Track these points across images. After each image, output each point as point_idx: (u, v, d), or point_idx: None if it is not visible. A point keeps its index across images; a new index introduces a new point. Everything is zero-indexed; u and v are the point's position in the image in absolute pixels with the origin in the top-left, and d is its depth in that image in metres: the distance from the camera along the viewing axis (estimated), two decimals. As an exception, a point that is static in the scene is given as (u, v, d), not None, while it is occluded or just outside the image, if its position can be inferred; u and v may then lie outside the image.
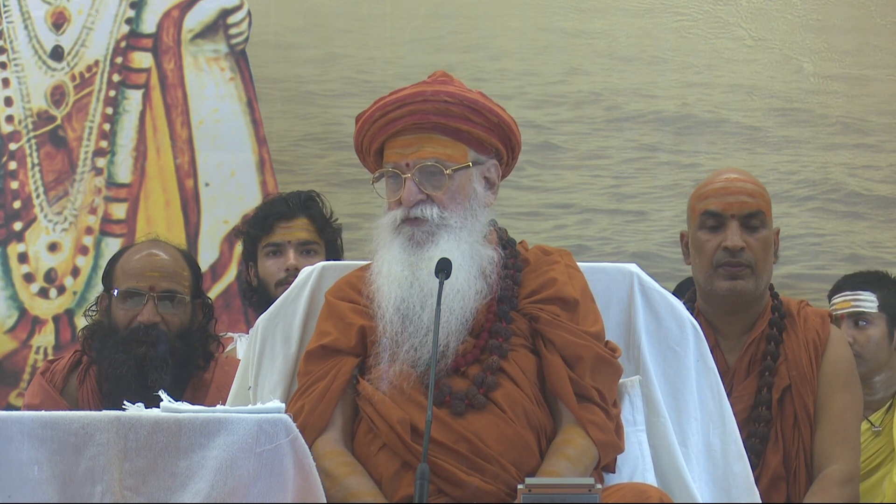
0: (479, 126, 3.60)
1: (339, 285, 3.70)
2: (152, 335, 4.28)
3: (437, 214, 3.55)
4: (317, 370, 3.55)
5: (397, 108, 3.58)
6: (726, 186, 4.28)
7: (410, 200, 3.55)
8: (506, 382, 3.48)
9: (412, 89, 3.60)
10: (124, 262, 4.39)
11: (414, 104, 3.57)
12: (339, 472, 3.40)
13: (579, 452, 3.41)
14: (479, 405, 3.44)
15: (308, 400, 3.50)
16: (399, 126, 3.58)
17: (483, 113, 3.60)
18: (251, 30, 6.01)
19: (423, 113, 3.57)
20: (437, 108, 3.57)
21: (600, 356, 3.52)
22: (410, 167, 3.56)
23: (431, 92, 3.58)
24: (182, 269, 4.39)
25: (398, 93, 3.61)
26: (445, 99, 3.58)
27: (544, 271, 3.63)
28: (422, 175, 3.56)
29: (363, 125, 3.64)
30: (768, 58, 6.07)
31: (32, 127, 5.93)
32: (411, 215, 3.55)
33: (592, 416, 3.46)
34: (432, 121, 3.57)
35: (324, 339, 3.58)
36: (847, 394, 4.22)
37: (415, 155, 3.56)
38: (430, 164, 3.56)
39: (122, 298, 4.34)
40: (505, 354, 3.51)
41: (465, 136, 3.59)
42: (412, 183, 3.55)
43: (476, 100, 3.60)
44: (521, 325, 3.56)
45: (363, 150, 3.69)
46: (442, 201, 3.56)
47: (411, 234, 3.55)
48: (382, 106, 3.60)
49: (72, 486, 3.08)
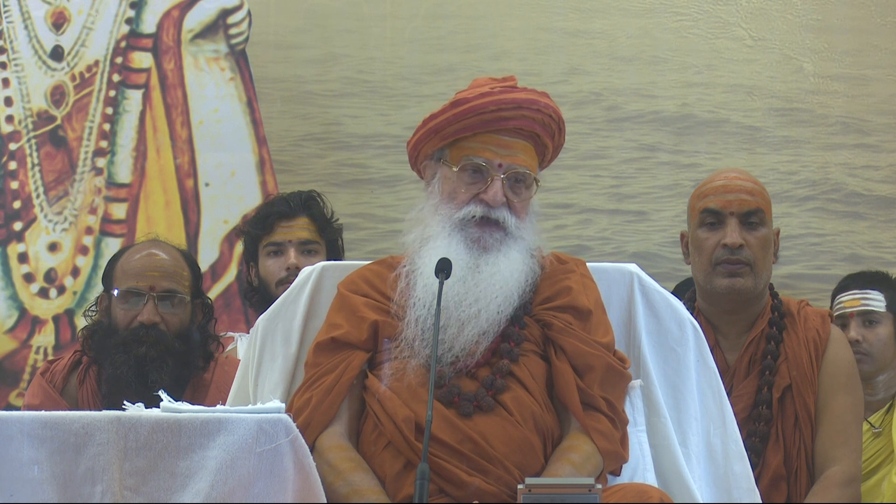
0: (555, 144, 3.66)
1: (352, 278, 3.68)
2: (152, 335, 4.28)
3: (514, 223, 3.57)
4: (326, 363, 3.54)
5: (513, 109, 3.57)
6: (726, 185, 4.28)
7: (497, 200, 3.54)
8: (515, 386, 3.48)
9: (525, 94, 3.60)
10: (124, 262, 4.39)
11: (529, 110, 3.58)
12: (344, 467, 3.40)
13: (583, 458, 3.41)
14: (486, 407, 3.44)
15: (316, 392, 3.50)
16: (506, 125, 3.57)
17: (562, 133, 3.66)
18: (251, 30, 6.01)
19: (531, 121, 3.59)
20: (542, 121, 3.60)
21: (610, 366, 3.53)
22: (503, 168, 3.56)
23: (544, 104, 3.60)
24: (182, 269, 4.39)
25: (510, 93, 3.59)
26: (550, 114, 3.62)
27: (559, 279, 3.63)
28: (510, 180, 3.57)
29: (466, 112, 3.58)
30: (768, 58, 6.07)
31: (32, 127, 5.93)
32: (492, 216, 3.55)
33: (598, 424, 3.47)
34: (534, 130, 3.60)
35: (334, 331, 3.57)
36: (848, 394, 4.22)
37: (510, 158, 3.56)
38: (521, 171, 3.57)
39: (122, 298, 4.33)
40: (516, 359, 3.51)
41: (542, 150, 3.65)
42: (501, 183, 3.55)
43: (562, 118, 3.66)
44: (533, 331, 3.57)
45: (443, 133, 3.61)
46: (518, 210, 3.58)
47: (479, 236, 3.55)
48: (498, 102, 3.57)
49: (72, 486, 3.08)
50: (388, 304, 3.58)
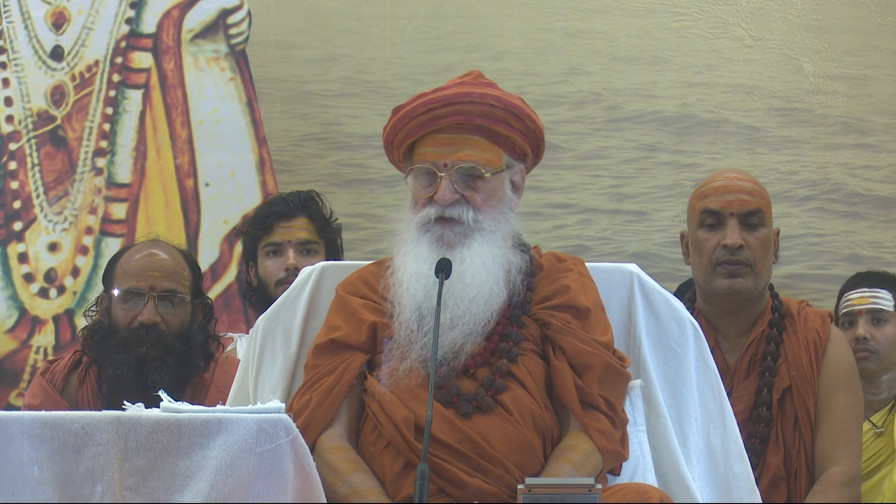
0: (517, 132, 3.61)
1: (351, 280, 3.69)
2: (152, 335, 4.28)
3: (472, 217, 3.55)
4: (325, 364, 3.54)
5: (443, 107, 3.56)
6: (725, 185, 4.28)
7: (446, 200, 3.53)
8: (514, 386, 3.48)
9: (458, 89, 3.59)
10: (124, 262, 4.38)
11: (461, 104, 3.56)
12: (344, 468, 3.40)
13: (583, 458, 3.41)
14: (486, 407, 3.44)
15: (315, 394, 3.50)
16: (442, 124, 3.56)
17: (523, 119, 3.62)
18: (251, 30, 6.01)
19: (468, 114, 3.57)
20: (482, 111, 3.57)
21: (609, 365, 3.53)
22: (448, 167, 3.55)
23: (479, 94, 3.58)
24: (182, 269, 4.39)
25: (442, 90, 3.60)
26: (491, 102, 3.58)
27: (557, 278, 3.63)
28: (458, 176, 3.55)
29: (402, 118, 3.61)
30: (768, 58, 6.07)
31: (32, 127, 5.93)
32: (446, 215, 3.54)
33: (597, 423, 3.47)
34: (475, 122, 3.57)
35: (334, 333, 3.58)
36: (848, 395, 4.22)
37: (454, 155, 3.55)
38: (468, 165, 3.55)
39: (122, 298, 4.33)
40: (515, 358, 3.51)
41: (503, 140, 3.60)
42: (448, 182, 3.54)
43: (518, 105, 3.61)
44: (532, 330, 3.56)
45: (395, 143, 3.65)
46: (477, 203, 3.56)
47: (441, 234, 3.54)
48: (427, 102, 3.58)
49: (72, 486, 3.08)
50: (385, 306, 3.58)
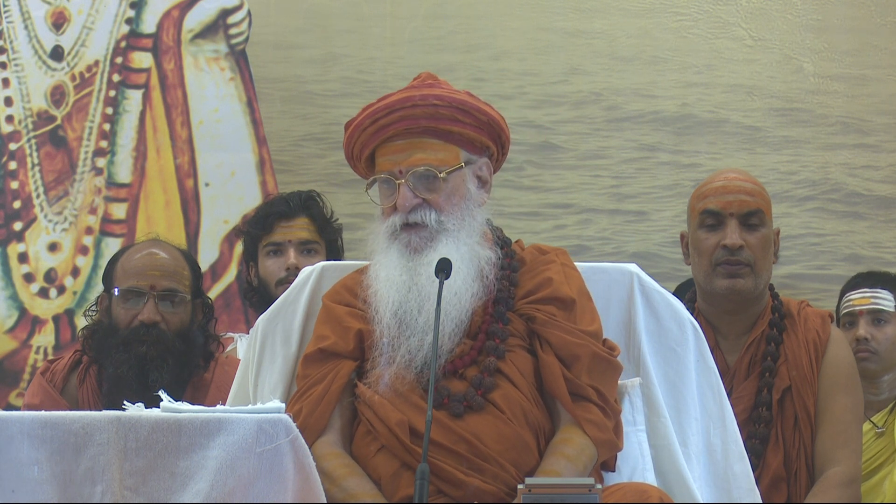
0: (469, 126, 3.59)
1: (335, 289, 3.70)
2: (153, 334, 4.28)
3: (435, 218, 3.55)
4: (315, 373, 3.55)
5: (387, 115, 3.56)
6: (725, 185, 4.28)
7: (406, 206, 3.54)
8: (503, 383, 3.47)
9: (400, 94, 3.59)
10: (125, 262, 4.38)
11: (404, 109, 3.56)
12: (339, 474, 3.40)
13: (577, 451, 3.41)
14: (477, 406, 3.44)
15: (306, 403, 3.50)
16: (389, 132, 3.56)
17: (472, 113, 3.59)
18: (251, 30, 6.01)
19: (413, 118, 3.56)
20: (426, 112, 3.56)
21: (597, 355, 3.52)
22: (404, 173, 3.54)
23: (420, 96, 3.57)
24: (182, 269, 4.38)
25: (386, 99, 3.59)
26: (434, 102, 3.57)
27: (540, 271, 3.62)
28: (416, 180, 3.55)
29: (353, 132, 3.62)
30: (768, 58, 6.07)
31: (32, 127, 5.93)
32: (409, 220, 3.54)
33: (589, 414, 3.46)
34: (423, 125, 3.56)
35: (322, 342, 3.58)
36: (848, 395, 4.22)
37: (407, 161, 3.55)
38: (422, 169, 3.55)
39: (122, 297, 4.33)
40: (502, 355, 3.51)
41: (456, 137, 3.59)
42: (406, 188, 3.54)
43: (464, 100, 3.59)
44: (517, 325, 3.56)
45: (354, 157, 3.66)
46: (438, 204, 3.55)
47: (408, 240, 3.54)
48: (372, 113, 3.58)
49: (72, 486, 3.08)
50: (369, 312, 3.58)
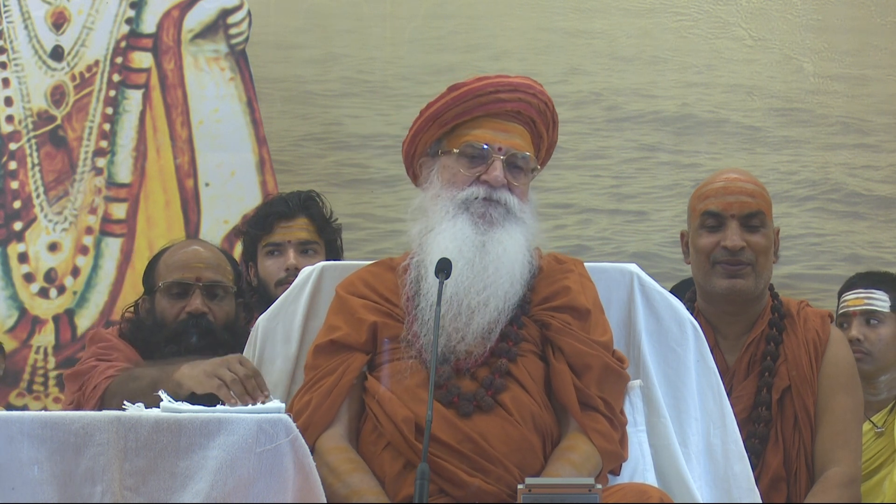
0: (548, 138, 3.66)
1: (350, 280, 3.68)
2: (202, 325, 4.23)
3: (517, 204, 3.56)
4: (325, 365, 3.54)
5: (509, 92, 3.58)
6: (726, 186, 4.28)
7: (500, 180, 3.53)
8: (513, 386, 3.48)
9: (522, 79, 3.61)
10: (167, 258, 4.35)
11: (525, 93, 3.59)
12: (343, 469, 3.40)
13: (583, 458, 3.42)
14: (486, 407, 3.44)
15: (316, 395, 3.50)
16: (503, 108, 3.57)
17: (556, 129, 3.67)
18: (251, 30, 6.01)
19: (528, 105, 3.59)
20: (539, 107, 3.61)
21: (608, 366, 3.53)
22: (503, 150, 3.55)
23: (539, 90, 3.61)
24: (224, 263, 4.37)
25: (505, 78, 3.60)
26: (546, 102, 3.63)
27: (558, 279, 3.63)
28: (511, 162, 3.56)
29: (463, 95, 3.59)
30: (768, 58, 6.07)
31: (32, 127, 5.93)
32: (494, 196, 3.54)
33: (596, 424, 3.47)
34: (531, 116, 3.60)
35: (333, 333, 3.57)
36: (848, 395, 4.22)
37: (509, 142, 3.56)
38: (520, 155, 3.57)
39: (167, 291, 4.28)
40: (514, 359, 3.51)
41: (538, 142, 3.64)
42: (501, 165, 3.54)
43: (557, 113, 3.65)
44: (531, 331, 3.57)
45: (441, 120, 3.62)
46: (519, 193, 3.58)
47: (484, 212, 3.53)
48: (494, 84, 3.58)
49: (72, 486, 3.08)
50: (387, 306, 3.58)
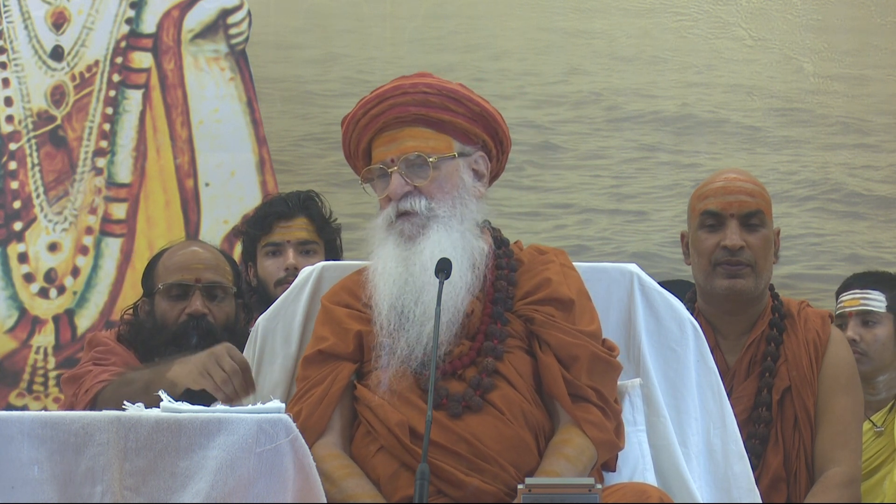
0: (461, 116, 3.60)
1: (334, 290, 3.70)
2: (202, 326, 4.24)
3: (426, 205, 3.55)
4: (314, 375, 3.55)
5: (378, 104, 3.59)
6: (726, 186, 4.28)
7: (398, 193, 3.55)
8: (502, 384, 3.47)
9: (391, 84, 3.62)
10: (166, 260, 4.36)
11: (394, 97, 3.58)
12: (338, 475, 3.40)
13: (577, 452, 3.41)
14: (475, 407, 3.44)
15: (306, 405, 3.50)
16: (381, 122, 3.58)
17: (464, 102, 3.61)
18: (251, 30, 6.01)
19: (403, 105, 3.58)
20: (416, 100, 3.58)
21: (596, 355, 3.52)
22: (395, 161, 3.56)
23: (410, 84, 3.59)
24: (224, 264, 4.38)
25: (378, 90, 3.62)
26: (424, 90, 3.59)
27: (539, 271, 3.62)
28: (407, 167, 3.56)
29: (348, 126, 3.65)
30: (768, 58, 6.07)
31: (32, 127, 5.93)
32: (401, 209, 3.56)
33: (589, 415, 3.46)
34: (413, 112, 3.58)
35: (321, 344, 3.58)
36: (848, 395, 4.22)
37: (398, 149, 3.57)
38: (413, 156, 3.56)
39: (167, 293, 4.29)
40: (500, 356, 3.50)
41: (447, 126, 3.60)
42: (398, 176, 3.55)
43: (455, 89, 3.61)
44: (516, 326, 3.56)
45: (352, 154, 3.69)
46: (429, 191, 3.56)
47: (401, 229, 3.55)
48: (364, 104, 3.62)
49: (72, 486, 3.08)
50: (370, 313, 3.58)
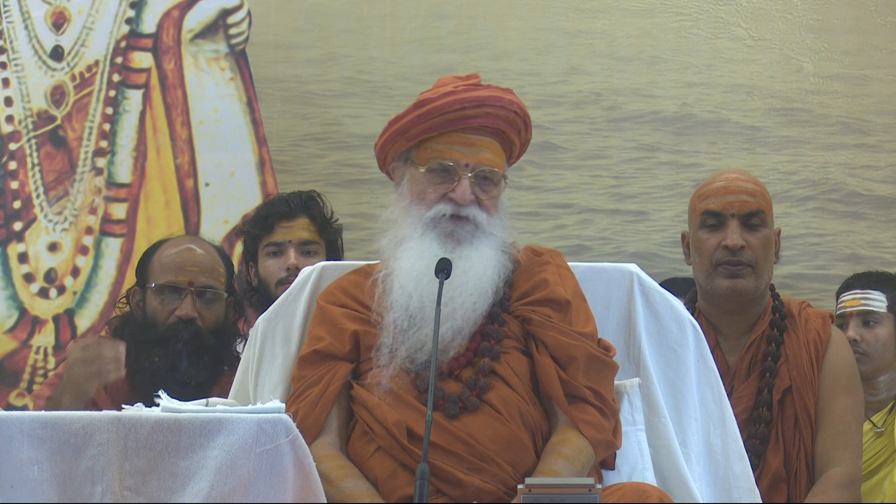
0: (522, 141, 3.65)
1: (330, 290, 3.69)
2: (190, 330, 4.26)
3: (485, 220, 3.56)
4: (311, 375, 3.55)
5: (476, 107, 3.56)
6: (727, 186, 4.28)
7: (467, 199, 3.54)
8: (498, 384, 3.47)
9: (488, 92, 3.60)
10: (161, 256, 4.36)
11: (493, 107, 3.57)
12: (336, 476, 3.39)
13: (575, 451, 3.41)
14: (472, 407, 3.44)
15: (302, 405, 3.50)
16: (470, 124, 3.56)
17: (530, 130, 3.66)
18: (251, 30, 6.01)
19: (496, 118, 3.58)
20: (507, 117, 3.60)
21: (593, 355, 3.52)
22: (470, 167, 3.55)
23: (507, 101, 3.60)
24: (218, 265, 4.38)
25: (474, 91, 3.59)
26: (515, 110, 3.61)
27: (535, 272, 3.63)
28: (478, 178, 3.56)
29: (429, 112, 3.57)
30: (768, 58, 6.07)
31: (32, 127, 5.93)
32: (462, 214, 3.55)
33: (586, 415, 3.46)
34: (499, 127, 3.59)
35: (317, 344, 3.58)
36: (848, 396, 4.22)
37: (476, 157, 3.56)
38: (487, 170, 3.57)
39: (159, 292, 4.31)
40: (497, 357, 3.50)
41: (510, 147, 3.64)
42: (469, 182, 3.54)
43: (528, 115, 3.64)
44: (513, 327, 3.56)
45: (407, 135, 3.61)
46: (488, 208, 3.58)
47: (452, 230, 3.54)
48: (461, 101, 3.57)
49: (72, 486, 3.08)
50: (367, 313, 3.58)
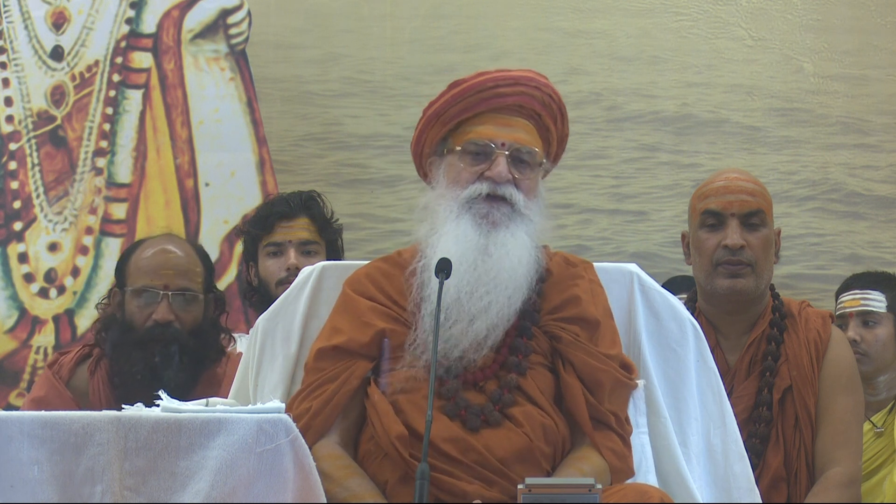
0: (557, 131, 3.59)
1: (359, 278, 3.60)
2: (168, 334, 4.27)
3: (522, 200, 3.48)
4: (329, 369, 3.48)
5: (510, 85, 3.51)
6: (726, 185, 4.28)
7: (503, 176, 3.46)
8: (522, 401, 3.42)
9: (523, 72, 3.55)
10: (137, 259, 4.37)
11: (527, 87, 3.53)
12: (339, 475, 3.37)
13: (594, 470, 3.36)
14: (494, 422, 3.39)
15: (316, 401, 3.44)
16: (505, 102, 3.51)
17: (566, 122, 3.60)
18: (251, 30, 6.01)
19: (531, 98, 3.53)
20: (543, 100, 3.55)
21: (618, 380, 3.49)
22: (506, 146, 3.48)
23: (543, 82, 3.55)
24: (195, 266, 4.38)
25: (506, 71, 3.54)
26: (550, 94, 3.56)
27: (568, 286, 3.56)
28: (513, 157, 3.48)
29: (463, 92, 3.52)
30: (768, 58, 6.07)
31: (32, 127, 5.93)
32: (498, 192, 3.47)
33: (610, 442, 3.44)
34: (534, 108, 3.54)
35: (337, 338, 3.50)
36: (849, 395, 4.22)
37: (511, 136, 3.49)
38: (524, 149, 3.50)
39: (135, 295, 4.32)
40: (523, 372, 3.45)
41: (546, 134, 3.58)
42: (504, 160, 3.47)
43: (564, 104, 3.59)
44: (541, 342, 3.50)
45: (444, 118, 3.54)
46: (526, 189, 3.50)
47: (487, 212, 3.46)
48: (494, 79, 3.52)
49: (72, 486, 3.08)
50: (395, 310, 3.51)
